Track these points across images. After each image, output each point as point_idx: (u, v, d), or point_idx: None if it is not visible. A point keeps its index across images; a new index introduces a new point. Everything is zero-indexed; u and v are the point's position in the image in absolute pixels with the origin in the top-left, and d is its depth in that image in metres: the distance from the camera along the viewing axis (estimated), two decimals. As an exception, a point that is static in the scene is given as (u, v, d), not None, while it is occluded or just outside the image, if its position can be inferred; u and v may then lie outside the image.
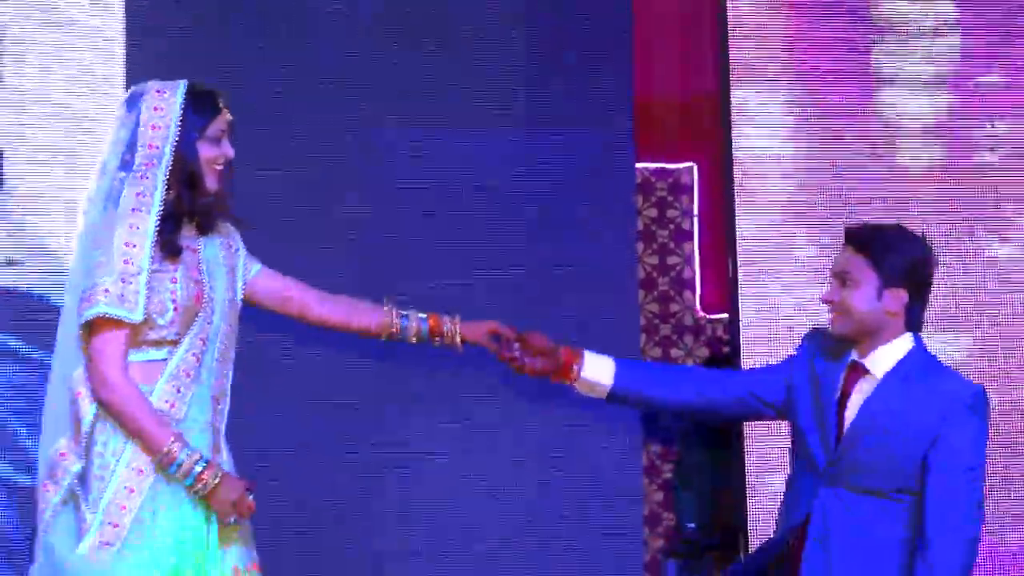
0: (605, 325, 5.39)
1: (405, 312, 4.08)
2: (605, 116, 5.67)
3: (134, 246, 3.67)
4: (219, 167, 3.83)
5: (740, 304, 5.57)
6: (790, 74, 5.65)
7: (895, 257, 4.03)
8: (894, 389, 4.04)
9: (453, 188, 5.67)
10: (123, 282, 3.65)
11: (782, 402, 4.19)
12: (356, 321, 4.08)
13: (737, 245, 5.59)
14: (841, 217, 5.48)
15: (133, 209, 3.69)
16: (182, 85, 3.80)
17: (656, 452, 6.42)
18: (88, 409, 3.69)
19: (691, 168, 6.29)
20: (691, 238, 6.34)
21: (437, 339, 4.10)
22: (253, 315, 4.18)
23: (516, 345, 4.15)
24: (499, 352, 4.16)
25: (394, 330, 4.07)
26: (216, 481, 3.68)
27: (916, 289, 4.05)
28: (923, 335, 4.12)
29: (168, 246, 3.72)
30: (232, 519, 3.71)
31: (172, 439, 3.66)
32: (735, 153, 5.62)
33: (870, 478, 4.03)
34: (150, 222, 3.69)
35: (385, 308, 4.08)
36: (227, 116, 3.84)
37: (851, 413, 4.07)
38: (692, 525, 6.25)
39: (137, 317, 3.65)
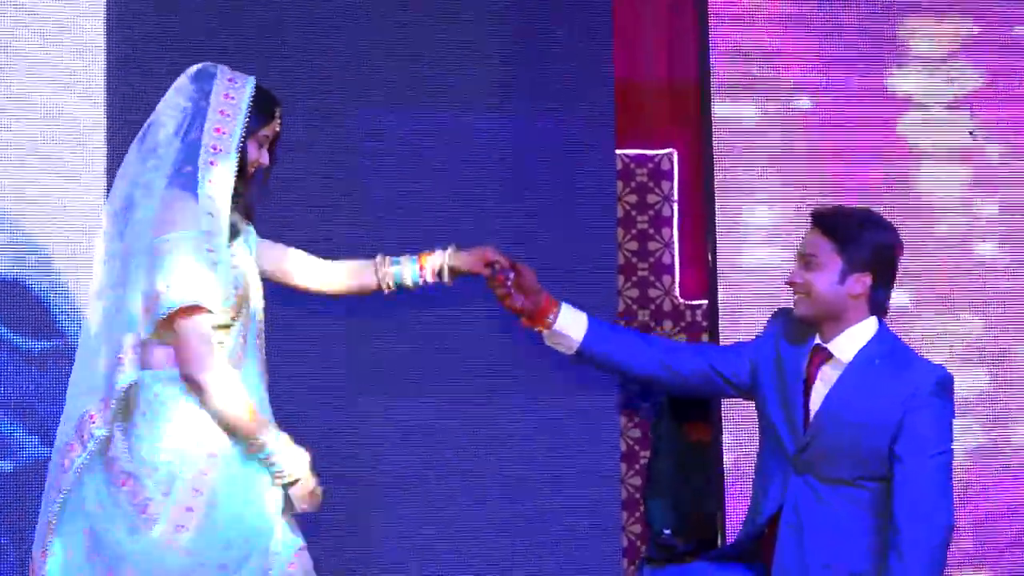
0: (583, 310, 5.39)
1: (396, 259, 4.14)
2: (586, 103, 5.70)
3: (215, 235, 3.74)
4: (251, 170, 3.90)
5: (719, 290, 5.61)
6: (771, 61, 5.67)
7: (861, 242, 4.04)
8: (858, 378, 4.05)
9: (432, 173, 5.70)
10: (209, 272, 3.72)
11: (746, 382, 4.22)
12: (355, 282, 4.14)
13: (716, 231, 5.62)
14: (820, 203, 5.54)
15: (209, 196, 3.75)
16: (252, 80, 3.88)
17: (634, 438, 6.44)
18: (128, 375, 3.72)
19: (671, 154, 6.30)
20: (670, 224, 6.33)
21: (432, 276, 4.14)
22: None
23: (511, 274, 4.17)
24: (492, 278, 4.17)
25: (390, 280, 4.12)
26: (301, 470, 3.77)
27: (881, 274, 4.06)
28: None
29: (232, 232, 3.82)
30: (303, 507, 3.81)
31: (267, 425, 3.75)
32: (715, 140, 5.64)
33: (838, 467, 4.05)
34: (226, 212, 3.78)
35: (377, 261, 4.13)
36: (277, 127, 3.91)
37: (816, 400, 4.08)
38: (668, 531, 6.25)
39: (216, 308, 3.73)
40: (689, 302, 6.37)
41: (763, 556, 4.16)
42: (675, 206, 6.30)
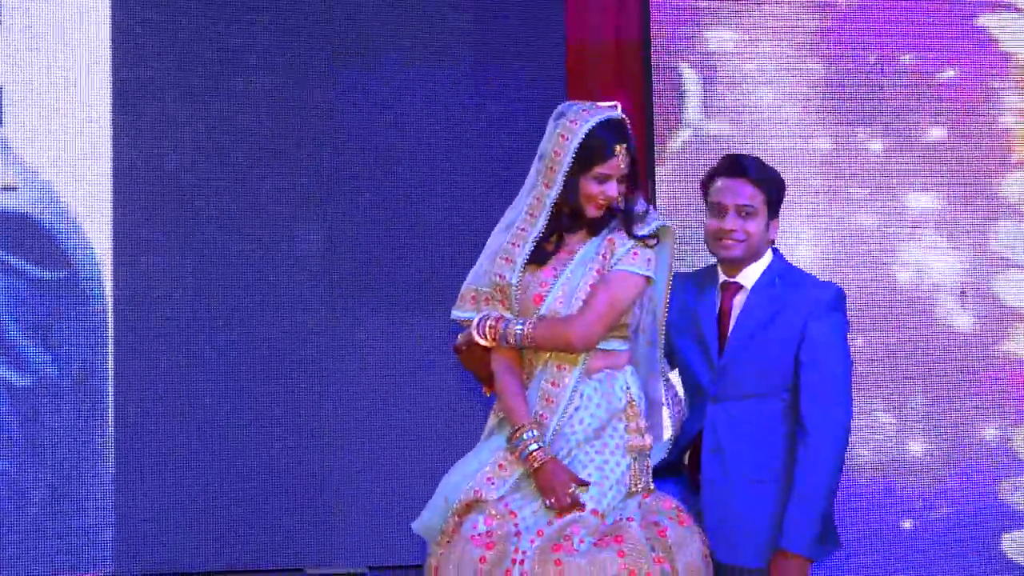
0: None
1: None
2: (540, 59, 6.00)
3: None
4: (584, 202, 4.09)
5: None
6: (709, 23, 5.94)
7: (778, 194, 4.31)
8: (763, 297, 4.27)
9: (390, 127, 5.98)
10: None
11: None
12: None
13: (656, 170, 5.90)
14: (748, 145, 5.75)
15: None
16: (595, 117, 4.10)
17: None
18: None
19: (616, 105, 6.18)
20: (614, 167, 6.51)
21: None
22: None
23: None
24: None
25: None
26: (538, 464, 3.98)
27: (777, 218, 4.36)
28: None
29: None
30: (550, 502, 3.96)
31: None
32: (655, 93, 5.93)
33: (750, 382, 4.25)
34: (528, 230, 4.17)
35: None
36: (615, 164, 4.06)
37: (731, 328, 4.28)
38: None
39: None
40: (631, 234, 6.48)
41: (689, 471, 4.35)
42: (617, 151, 6.51)
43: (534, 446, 3.98)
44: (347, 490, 6.00)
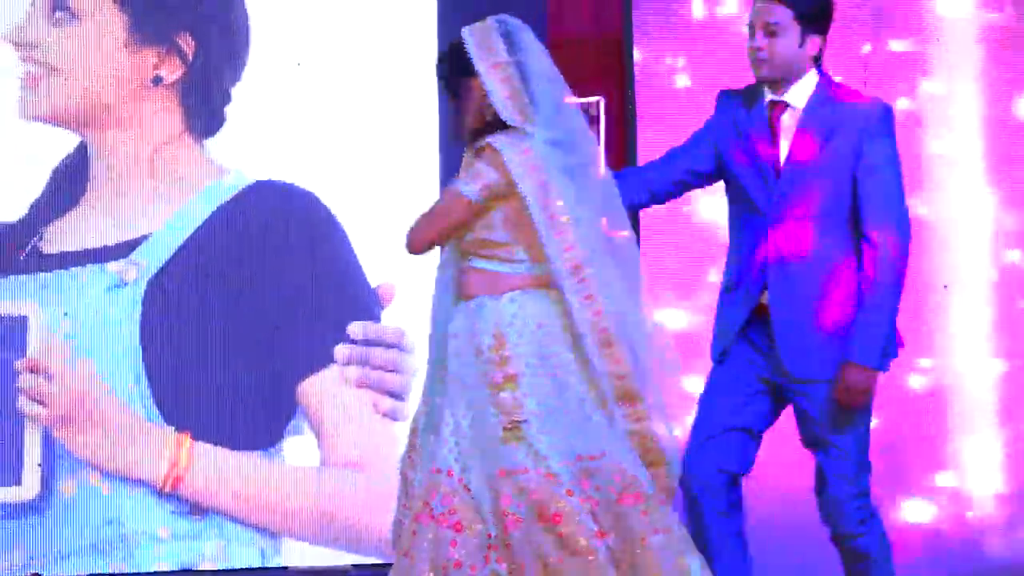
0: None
1: None
2: None
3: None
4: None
5: (639, 215, 5.97)
6: (689, 18, 6.08)
7: (812, 8, 4.38)
8: (816, 118, 4.39)
9: (375, 115, 6.06)
10: None
11: (715, 167, 4.53)
12: None
13: (637, 163, 6.01)
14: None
15: None
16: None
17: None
18: None
19: (599, 101, 6.25)
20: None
21: None
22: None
23: None
24: None
25: None
26: None
27: (825, 32, 4.45)
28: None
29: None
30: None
31: None
32: (636, 86, 6.10)
33: (809, 204, 4.39)
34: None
35: None
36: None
37: (783, 148, 4.42)
38: None
39: None
40: (613, 224, 6.59)
41: (756, 302, 4.45)
42: (602, 142, 6.24)
43: None
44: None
